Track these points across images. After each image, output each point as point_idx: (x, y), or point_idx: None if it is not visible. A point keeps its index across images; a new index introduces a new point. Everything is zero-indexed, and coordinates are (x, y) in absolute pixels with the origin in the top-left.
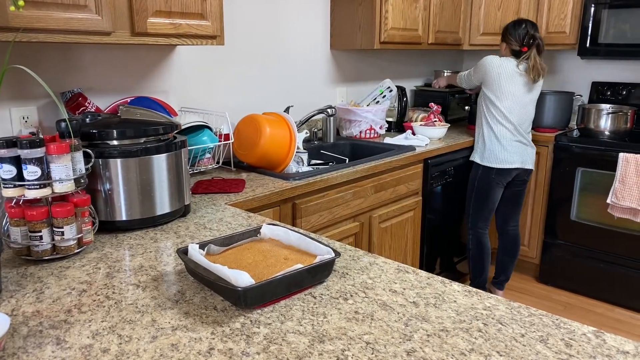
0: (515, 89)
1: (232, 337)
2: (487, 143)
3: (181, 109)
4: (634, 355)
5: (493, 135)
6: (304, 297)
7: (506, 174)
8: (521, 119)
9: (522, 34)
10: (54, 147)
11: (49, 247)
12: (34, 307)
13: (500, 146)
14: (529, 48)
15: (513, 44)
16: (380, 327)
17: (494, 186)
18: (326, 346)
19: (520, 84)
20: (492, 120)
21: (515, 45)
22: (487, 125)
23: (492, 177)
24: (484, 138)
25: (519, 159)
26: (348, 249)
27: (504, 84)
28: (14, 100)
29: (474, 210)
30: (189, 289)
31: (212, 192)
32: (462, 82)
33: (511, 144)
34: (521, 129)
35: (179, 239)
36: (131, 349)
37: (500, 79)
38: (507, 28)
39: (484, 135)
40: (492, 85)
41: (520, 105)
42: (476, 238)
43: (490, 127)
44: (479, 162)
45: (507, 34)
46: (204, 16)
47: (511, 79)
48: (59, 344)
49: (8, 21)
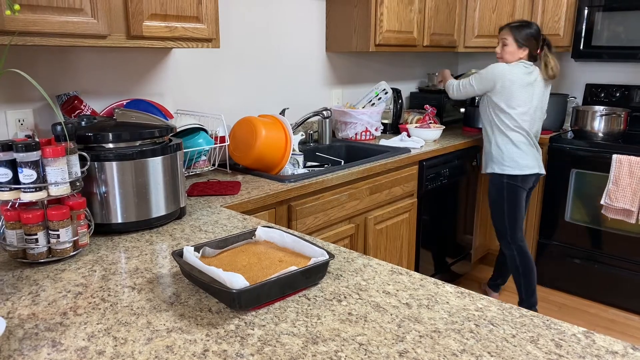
0: (527, 95)
1: (226, 338)
2: (504, 151)
3: (177, 112)
4: (622, 355)
5: (510, 142)
6: (298, 299)
7: (529, 180)
8: (532, 124)
9: (539, 37)
10: (49, 151)
11: (44, 250)
12: (29, 310)
13: (520, 152)
14: (542, 49)
15: (534, 49)
16: (374, 329)
17: (521, 193)
18: (320, 347)
19: (532, 89)
20: (505, 127)
21: (536, 49)
22: (501, 133)
23: (519, 185)
24: (499, 147)
25: (537, 164)
26: (342, 251)
27: (516, 92)
28: (10, 102)
29: (510, 223)
30: (184, 292)
31: (207, 195)
32: (453, 91)
33: (528, 149)
34: (532, 134)
35: (175, 242)
36: (126, 350)
37: (513, 87)
38: (532, 34)
39: (498, 144)
40: (504, 93)
41: (532, 110)
42: (521, 251)
43: (504, 134)
44: (500, 173)
45: (532, 38)
46: (200, 19)
47: (524, 86)
48: (55, 346)
49: (4, 25)
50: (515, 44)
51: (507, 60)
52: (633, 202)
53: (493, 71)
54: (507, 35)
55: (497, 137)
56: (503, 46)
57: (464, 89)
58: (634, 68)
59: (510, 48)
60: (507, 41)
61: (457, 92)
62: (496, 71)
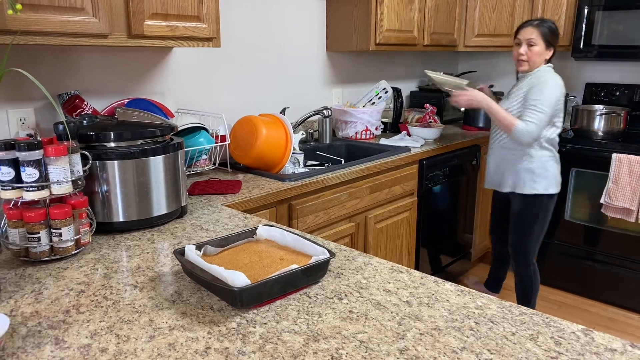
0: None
1: (228, 336)
2: (550, 169)
3: (178, 111)
4: (621, 352)
5: (554, 158)
6: (299, 297)
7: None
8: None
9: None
10: (51, 150)
11: (47, 249)
12: (32, 308)
13: (559, 168)
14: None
15: (556, 47)
16: (374, 326)
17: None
18: (321, 345)
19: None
20: (551, 143)
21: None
22: (546, 149)
23: (554, 203)
24: (544, 164)
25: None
26: (343, 250)
27: (562, 102)
28: (11, 102)
29: (534, 243)
30: (186, 290)
31: (208, 193)
32: (531, 134)
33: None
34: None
35: (176, 240)
36: (129, 348)
37: (563, 98)
38: (553, 30)
39: (543, 162)
40: (559, 106)
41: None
42: (535, 269)
43: (549, 150)
44: (543, 193)
45: (556, 36)
46: (201, 18)
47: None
48: (58, 344)
49: (5, 24)
50: (543, 43)
51: (535, 63)
52: (633, 201)
53: (555, 86)
54: (533, 34)
55: (542, 153)
56: (529, 47)
57: (541, 123)
58: (634, 67)
59: (539, 48)
60: (535, 41)
61: (536, 130)
62: (558, 84)
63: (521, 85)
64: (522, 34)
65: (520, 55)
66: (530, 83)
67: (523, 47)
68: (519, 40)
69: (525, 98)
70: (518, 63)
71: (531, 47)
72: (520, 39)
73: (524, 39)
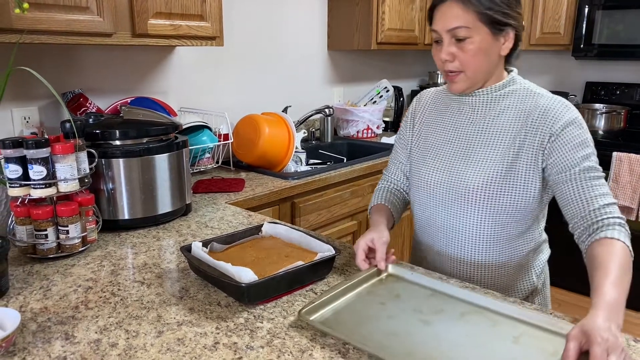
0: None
1: (236, 331)
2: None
3: (180, 109)
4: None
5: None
6: (305, 293)
7: None
8: None
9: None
10: (59, 147)
11: (54, 246)
12: (41, 304)
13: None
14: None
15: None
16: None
17: None
18: (328, 340)
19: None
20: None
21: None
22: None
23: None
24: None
25: None
26: (347, 247)
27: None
28: (16, 100)
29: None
30: (193, 286)
31: (212, 192)
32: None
33: None
34: None
35: (181, 238)
36: (138, 343)
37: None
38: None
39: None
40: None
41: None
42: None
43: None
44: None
45: (509, 7)
46: (204, 17)
47: None
48: (68, 339)
49: (11, 23)
50: (487, 28)
51: (479, 72)
52: (633, 199)
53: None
54: (459, 17)
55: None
56: (458, 42)
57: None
58: (634, 66)
59: (479, 40)
60: (467, 30)
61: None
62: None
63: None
64: (437, 19)
65: (445, 63)
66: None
67: (446, 45)
68: (437, 32)
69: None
70: (446, 77)
71: (461, 42)
72: (439, 30)
73: (444, 29)
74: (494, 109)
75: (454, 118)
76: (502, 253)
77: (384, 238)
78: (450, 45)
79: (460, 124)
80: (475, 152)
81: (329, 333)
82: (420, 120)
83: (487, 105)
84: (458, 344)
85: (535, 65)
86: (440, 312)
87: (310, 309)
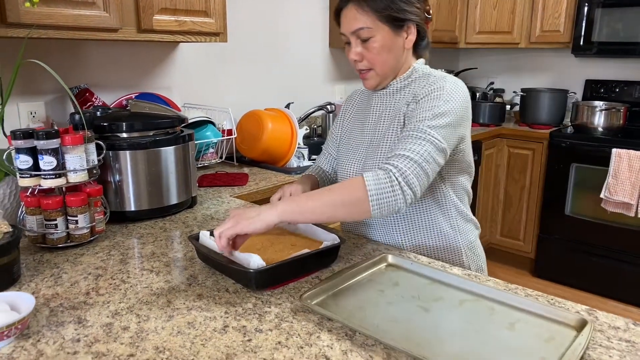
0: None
1: (245, 315)
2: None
3: (184, 105)
4: (624, 330)
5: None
6: (311, 280)
7: None
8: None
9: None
10: (68, 139)
11: (63, 235)
12: (53, 290)
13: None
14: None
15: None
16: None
17: None
18: (334, 324)
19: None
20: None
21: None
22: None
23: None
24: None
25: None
26: (352, 237)
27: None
28: (23, 95)
29: None
30: (201, 274)
31: (216, 185)
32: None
33: None
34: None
35: (188, 228)
36: (150, 326)
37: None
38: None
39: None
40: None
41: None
42: None
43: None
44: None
45: (406, 2)
46: (208, 13)
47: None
48: (81, 322)
49: (20, 18)
50: (387, 26)
51: (387, 67)
52: (632, 196)
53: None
54: (359, 18)
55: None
56: (363, 42)
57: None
58: (633, 64)
59: (381, 39)
60: (369, 30)
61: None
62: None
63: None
64: (342, 23)
65: (356, 62)
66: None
67: (354, 47)
68: (344, 35)
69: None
70: (360, 75)
71: (366, 42)
72: (345, 33)
73: (348, 31)
74: (401, 100)
75: (371, 112)
76: (419, 229)
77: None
78: (357, 46)
79: (376, 117)
80: (386, 140)
81: (325, 315)
82: (348, 117)
83: (393, 96)
84: (455, 330)
85: (535, 63)
86: (439, 299)
87: (311, 293)
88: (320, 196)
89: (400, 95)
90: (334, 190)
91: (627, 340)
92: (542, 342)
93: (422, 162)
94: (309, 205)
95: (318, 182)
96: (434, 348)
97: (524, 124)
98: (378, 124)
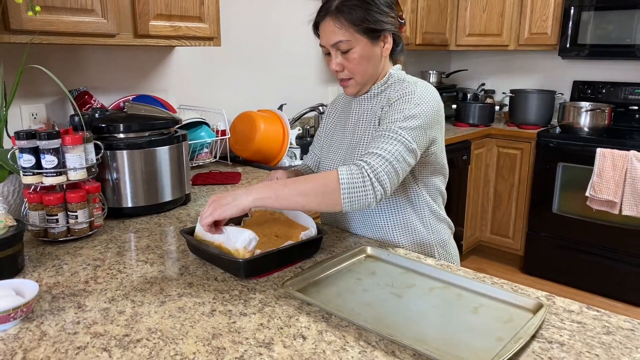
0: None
1: (231, 301)
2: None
3: (180, 107)
4: (577, 313)
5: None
6: (295, 270)
7: None
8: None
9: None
10: (69, 139)
11: (64, 229)
12: (54, 279)
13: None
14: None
15: (397, 28)
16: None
17: None
18: (312, 308)
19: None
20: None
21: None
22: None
23: None
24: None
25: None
26: (335, 230)
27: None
28: (24, 98)
29: None
30: (192, 265)
31: (210, 184)
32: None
33: None
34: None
35: (181, 224)
36: (144, 310)
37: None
38: (369, 2)
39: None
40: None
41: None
42: None
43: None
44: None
45: (380, 13)
46: (202, 19)
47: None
48: (80, 307)
49: (22, 25)
50: (365, 38)
51: (366, 75)
52: (616, 194)
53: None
54: (337, 32)
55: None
56: (343, 54)
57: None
58: (619, 65)
59: (360, 50)
60: (347, 43)
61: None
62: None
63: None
64: (322, 36)
65: (337, 72)
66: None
67: (334, 58)
68: (324, 47)
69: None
70: (341, 83)
71: (346, 53)
72: (325, 45)
73: (328, 44)
74: (377, 104)
75: (351, 116)
76: (394, 227)
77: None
78: (337, 57)
79: (355, 120)
80: (363, 142)
81: (304, 300)
82: (332, 120)
83: (371, 101)
84: (424, 314)
85: (524, 65)
86: (411, 286)
87: (293, 281)
88: (295, 185)
89: (377, 100)
90: (309, 180)
91: (578, 322)
92: (501, 324)
93: (393, 160)
94: (284, 192)
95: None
96: (402, 329)
97: (512, 124)
98: (356, 127)
